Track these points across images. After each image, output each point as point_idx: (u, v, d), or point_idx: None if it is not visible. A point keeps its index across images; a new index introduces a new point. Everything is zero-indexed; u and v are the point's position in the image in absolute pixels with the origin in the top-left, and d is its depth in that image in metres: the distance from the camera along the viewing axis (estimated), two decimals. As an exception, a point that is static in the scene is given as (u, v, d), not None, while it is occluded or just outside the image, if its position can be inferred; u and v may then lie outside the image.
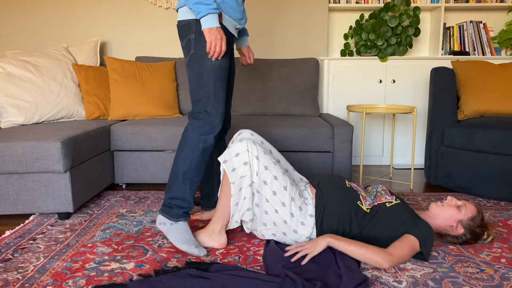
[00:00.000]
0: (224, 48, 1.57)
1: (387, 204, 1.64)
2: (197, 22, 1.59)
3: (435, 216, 1.66)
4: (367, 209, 1.64)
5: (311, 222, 1.62)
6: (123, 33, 3.25)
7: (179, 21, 1.65)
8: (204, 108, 1.62)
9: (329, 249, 1.62)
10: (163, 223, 1.63)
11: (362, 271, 1.48)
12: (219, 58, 1.60)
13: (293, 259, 1.52)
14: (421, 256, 1.55)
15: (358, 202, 1.66)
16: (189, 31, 1.62)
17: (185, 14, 1.62)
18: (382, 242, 1.57)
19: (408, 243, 1.49)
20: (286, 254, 1.57)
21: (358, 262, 1.52)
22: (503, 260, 1.58)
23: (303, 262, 1.50)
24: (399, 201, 1.67)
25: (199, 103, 1.63)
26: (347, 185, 1.73)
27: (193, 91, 1.65)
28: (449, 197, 1.69)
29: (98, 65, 2.93)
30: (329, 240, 1.52)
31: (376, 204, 1.66)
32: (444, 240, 1.69)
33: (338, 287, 1.32)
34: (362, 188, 1.76)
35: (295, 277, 1.35)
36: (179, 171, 1.62)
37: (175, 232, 1.60)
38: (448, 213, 1.64)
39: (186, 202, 1.64)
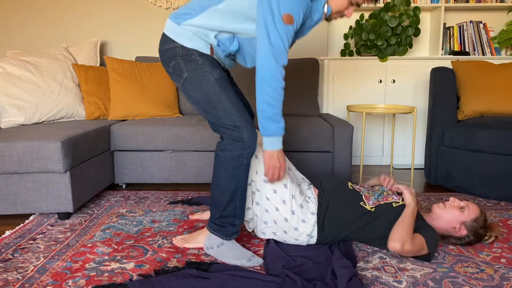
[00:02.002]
0: (282, 175, 1.52)
1: (393, 204, 1.64)
2: (183, 46, 1.50)
3: (438, 218, 1.66)
4: (371, 208, 1.64)
5: (312, 219, 1.62)
6: (123, 33, 3.25)
7: (162, 50, 1.54)
8: (232, 124, 1.48)
9: (328, 249, 1.62)
10: (210, 248, 1.59)
11: (358, 269, 1.48)
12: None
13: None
14: (424, 257, 1.55)
15: (361, 203, 1.66)
16: (175, 55, 1.51)
17: (168, 43, 1.52)
18: (386, 241, 1.57)
19: (421, 242, 1.51)
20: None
21: (354, 262, 1.52)
22: (503, 260, 1.58)
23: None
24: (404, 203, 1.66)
25: (224, 122, 1.50)
26: (350, 187, 1.73)
27: (208, 113, 1.53)
28: (451, 198, 1.68)
29: (98, 65, 2.93)
30: (416, 209, 1.59)
31: (382, 203, 1.66)
32: (447, 241, 1.69)
33: (336, 287, 1.32)
34: (365, 188, 1.76)
35: (295, 277, 1.35)
36: (226, 191, 1.52)
37: (224, 253, 1.56)
38: (450, 214, 1.63)
39: (238, 219, 1.58)
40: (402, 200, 1.67)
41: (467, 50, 3.31)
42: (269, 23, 1.36)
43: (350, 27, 3.33)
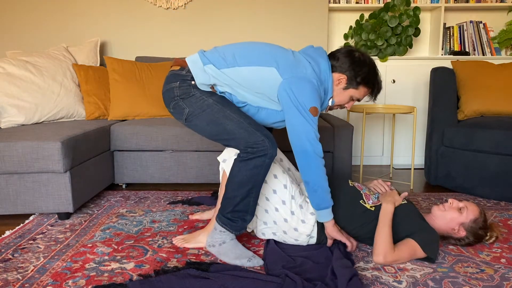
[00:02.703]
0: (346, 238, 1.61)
1: None
2: (180, 85, 1.58)
3: (437, 219, 1.65)
4: (371, 207, 1.64)
5: (311, 220, 1.62)
6: (123, 33, 3.25)
7: (163, 92, 1.65)
8: (245, 131, 1.52)
9: (328, 249, 1.62)
10: (212, 245, 1.59)
11: (358, 269, 1.48)
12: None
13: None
14: (426, 259, 1.55)
15: (360, 201, 1.66)
16: (173, 96, 1.60)
17: (167, 84, 1.62)
18: None
19: (409, 248, 1.52)
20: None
21: (352, 262, 1.52)
22: (503, 260, 1.58)
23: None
24: (406, 202, 1.66)
25: (237, 132, 1.53)
26: (350, 185, 1.73)
27: (218, 134, 1.58)
28: (450, 200, 1.67)
29: (98, 65, 2.93)
30: (391, 207, 1.60)
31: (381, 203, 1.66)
32: (447, 242, 1.69)
33: (336, 287, 1.32)
34: (366, 187, 1.76)
35: (295, 277, 1.35)
36: (243, 187, 1.52)
37: (226, 251, 1.56)
38: (449, 216, 1.63)
39: (249, 214, 1.58)
40: (403, 200, 1.67)
41: (467, 50, 3.31)
42: (304, 115, 1.48)
43: (350, 27, 3.33)
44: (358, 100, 1.66)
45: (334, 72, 1.59)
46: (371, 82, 1.60)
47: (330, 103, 1.63)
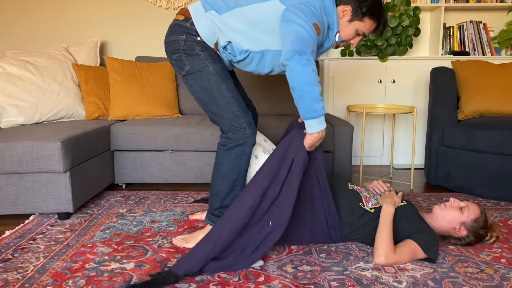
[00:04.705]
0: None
1: None
2: (186, 39, 1.55)
3: (438, 219, 1.65)
4: (371, 209, 1.64)
5: None
6: (123, 33, 3.25)
7: (167, 42, 1.62)
8: (232, 113, 1.52)
9: None
10: None
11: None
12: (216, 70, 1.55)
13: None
14: (427, 259, 1.55)
15: (360, 204, 1.66)
16: (178, 48, 1.57)
17: (173, 35, 1.59)
18: None
19: (410, 249, 1.51)
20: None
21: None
22: (503, 260, 1.58)
23: None
24: (405, 203, 1.66)
25: (224, 111, 1.53)
26: (350, 187, 1.73)
27: (207, 104, 1.58)
28: (451, 199, 1.67)
29: (98, 65, 2.93)
30: (391, 209, 1.60)
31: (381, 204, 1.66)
32: (447, 241, 1.69)
33: None
34: (365, 189, 1.76)
35: None
36: (228, 180, 1.54)
37: None
38: (450, 215, 1.63)
39: None
40: (402, 201, 1.67)
41: (467, 50, 3.31)
42: (305, 26, 1.40)
43: (350, 27, 3.33)
44: (364, 35, 1.59)
45: (338, 5, 1.54)
46: (376, 14, 1.55)
47: (337, 39, 1.57)
